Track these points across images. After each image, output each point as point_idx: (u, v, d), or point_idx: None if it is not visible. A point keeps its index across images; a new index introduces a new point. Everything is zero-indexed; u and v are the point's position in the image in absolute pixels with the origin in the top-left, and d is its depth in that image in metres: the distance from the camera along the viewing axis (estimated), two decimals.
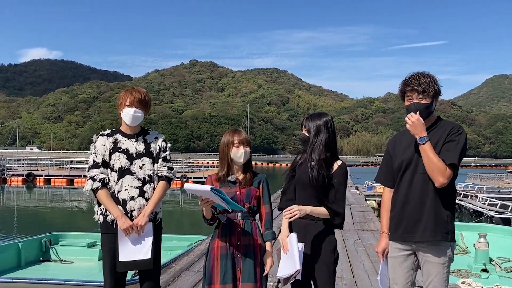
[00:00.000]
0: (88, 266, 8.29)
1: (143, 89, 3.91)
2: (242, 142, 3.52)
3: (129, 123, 3.74)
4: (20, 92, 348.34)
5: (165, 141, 3.89)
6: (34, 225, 21.05)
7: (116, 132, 3.78)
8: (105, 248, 3.71)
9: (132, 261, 3.59)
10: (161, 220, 3.85)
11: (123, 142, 3.73)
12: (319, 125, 3.51)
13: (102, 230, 3.73)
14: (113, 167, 3.67)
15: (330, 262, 3.47)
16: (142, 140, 3.78)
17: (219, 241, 3.46)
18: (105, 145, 3.70)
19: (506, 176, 49.26)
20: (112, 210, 3.59)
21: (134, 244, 3.61)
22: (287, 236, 3.48)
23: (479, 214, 22.29)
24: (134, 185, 3.67)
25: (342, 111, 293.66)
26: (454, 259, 3.43)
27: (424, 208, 3.24)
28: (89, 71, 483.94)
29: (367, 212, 15.15)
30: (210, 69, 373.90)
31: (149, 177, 3.72)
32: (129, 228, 3.57)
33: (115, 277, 3.68)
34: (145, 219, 3.62)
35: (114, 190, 3.66)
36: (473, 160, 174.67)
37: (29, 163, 57.63)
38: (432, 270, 3.24)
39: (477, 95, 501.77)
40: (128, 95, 3.73)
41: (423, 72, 3.31)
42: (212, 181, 3.58)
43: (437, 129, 3.28)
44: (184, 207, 27.12)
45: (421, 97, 3.23)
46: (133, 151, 3.71)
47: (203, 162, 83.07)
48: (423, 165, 3.21)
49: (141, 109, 3.75)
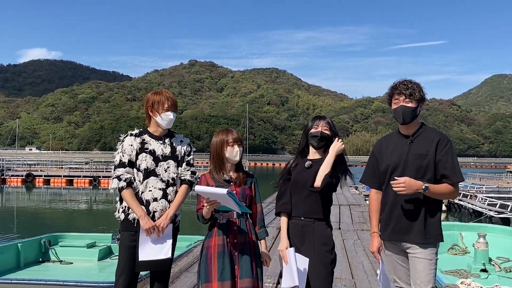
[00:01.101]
0: (87, 266, 8.28)
1: (169, 91, 3.97)
2: (236, 141, 3.61)
3: (166, 127, 3.82)
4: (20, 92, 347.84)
5: (190, 146, 3.96)
6: (33, 225, 21.03)
7: (144, 133, 3.84)
8: (123, 246, 3.75)
9: (151, 261, 3.64)
10: (179, 223, 3.94)
11: (150, 143, 3.78)
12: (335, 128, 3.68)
13: (122, 228, 3.79)
14: (139, 167, 3.73)
15: (327, 263, 3.50)
16: (169, 142, 3.84)
17: (215, 239, 3.52)
18: (132, 145, 3.75)
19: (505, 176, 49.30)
20: (136, 209, 3.65)
21: (155, 245, 3.67)
22: (286, 247, 3.57)
23: (479, 214, 22.28)
24: (158, 186, 3.73)
25: (341, 111, 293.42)
26: (454, 259, 3.51)
27: (413, 212, 3.40)
28: (88, 71, 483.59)
29: (367, 212, 15.12)
30: (210, 69, 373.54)
31: (172, 180, 3.79)
32: (151, 229, 3.62)
33: (129, 275, 3.71)
34: (167, 222, 3.70)
35: (138, 190, 3.71)
36: (472, 159, 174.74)
37: (29, 163, 57.54)
38: (420, 265, 3.37)
39: (476, 94, 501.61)
40: (164, 99, 3.79)
41: (410, 79, 3.52)
42: (207, 180, 3.63)
43: (423, 137, 3.45)
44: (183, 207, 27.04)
45: (407, 100, 3.43)
46: (159, 153, 3.77)
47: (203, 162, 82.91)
48: (411, 169, 3.38)
49: (176, 112, 3.85)
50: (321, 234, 3.54)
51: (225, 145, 3.59)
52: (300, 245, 3.54)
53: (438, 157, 3.34)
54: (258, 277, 3.51)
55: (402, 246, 3.48)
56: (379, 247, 3.61)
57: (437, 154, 3.35)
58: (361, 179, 3.81)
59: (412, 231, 3.39)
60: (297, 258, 3.50)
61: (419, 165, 3.37)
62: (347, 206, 16.17)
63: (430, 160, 3.35)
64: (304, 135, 3.73)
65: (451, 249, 8.79)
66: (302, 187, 3.58)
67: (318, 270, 3.48)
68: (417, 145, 3.42)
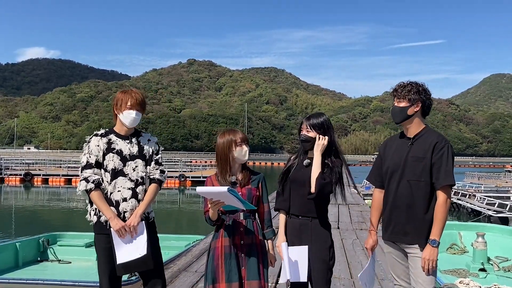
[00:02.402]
0: (86, 266, 8.26)
1: (139, 91, 3.93)
2: (244, 140, 3.57)
3: (129, 126, 3.76)
4: (18, 91, 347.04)
5: (158, 144, 3.92)
6: (32, 225, 21.01)
7: (110, 133, 3.79)
8: (99, 249, 3.72)
9: (130, 262, 3.59)
10: (154, 219, 3.88)
11: (117, 143, 3.73)
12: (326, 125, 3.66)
13: (95, 231, 3.74)
14: (106, 168, 3.68)
15: (325, 260, 3.52)
16: (136, 141, 3.80)
17: (222, 240, 3.50)
18: (98, 146, 3.70)
19: (504, 175, 49.42)
20: (105, 211, 3.61)
21: (129, 245, 3.62)
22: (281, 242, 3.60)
23: (477, 213, 22.31)
24: (127, 186, 3.69)
25: (340, 110, 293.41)
26: (452, 258, 3.51)
27: (411, 214, 3.41)
28: (87, 70, 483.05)
29: (365, 211, 15.13)
30: (208, 68, 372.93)
31: (141, 179, 3.74)
32: (122, 229, 3.59)
33: (110, 277, 3.68)
34: (137, 220, 3.64)
35: (107, 191, 3.67)
36: (471, 159, 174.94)
37: (27, 162, 57.41)
38: (420, 264, 3.37)
39: (474, 94, 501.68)
40: (128, 97, 3.74)
41: (412, 81, 3.55)
42: (212, 182, 3.60)
43: (423, 139, 3.45)
44: (182, 207, 27.11)
45: (399, 100, 3.51)
46: (126, 152, 3.73)
47: (201, 161, 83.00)
48: (409, 172, 3.41)
49: (140, 111, 3.77)
50: (319, 232, 3.56)
51: (233, 145, 3.53)
52: (298, 243, 3.55)
53: (433, 160, 3.34)
54: (265, 278, 3.51)
55: (401, 245, 3.50)
56: (373, 245, 3.69)
57: (432, 157, 3.35)
58: (367, 177, 3.87)
59: (411, 232, 3.40)
60: (294, 250, 3.52)
61: (416, 168, 3.39)
62: (346, 205, 16.16)
63: (426, 163, 3.35)
64: (298, 136, 3.77)
65: (450, 248, 8.79)
66: (299, 185, 3.60)
67: (316, 268, 3.49)
68: (417, 148, 3.43)
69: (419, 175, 3.37)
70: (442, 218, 3.31)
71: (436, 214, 3.32)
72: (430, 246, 3.31)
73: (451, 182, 3.31)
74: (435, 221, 3.32)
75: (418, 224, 3.38)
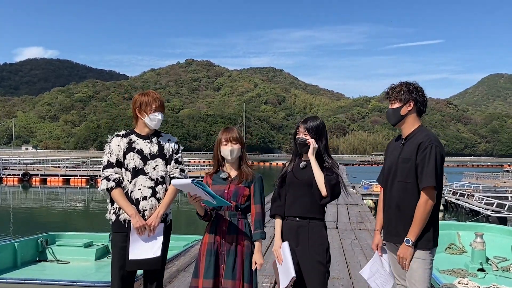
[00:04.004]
0: (84, 266, 8.25)
1: (156, 92, 4.00)
2: (230, 140, 3.64)
3: (155, 127, 3.84)
4: (16, 91, 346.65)
5: (178, 144, 3.96)
6: (30, 225, 20.98)
7: (130, 133, 3.86)
8: (115, 247, 3.76)
9: (142, 260, 3.63)
10: (171, 221, 3.93)
11: (138, 143, 3.79)
12: None
13: (113, 229, 3.79)
14: (127, 167, 3.73)
15: (323, 263, 3.53)
16: (156, 141, 3.85)
17: (206, 237, 3.61)
18: (119, 145, 3.76)
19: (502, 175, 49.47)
20: (127, 208, 3.65)
21: (145, 243, 3.67)
22: (279, 247, 3.58)
23: (476, 213, 22.34)
24: (147, 185, 3.73)
25: (338, 110, 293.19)
26: (451, 258, 3.50)
27: (401, 215, 3.43)
28: (85, 70, 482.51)
29: (364, 211, 15.16)
30: (207, 68, 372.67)
31: (161, 178, 3.79)
32: (142, 227, 3.63)
33: (123, 276, 3.71)
34: (158, 220, 3.70)
35: (127, 189, 3.72)
36: (469, 159, 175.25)
37: (25, 162, 57.32)
38: (414, 265, 3.38)
39: (473, 94, 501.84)
40: (151, 100, 3.81)
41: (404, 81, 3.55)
42: (207, 179, 3.72)
43: (412, 140, 3.44)
44: (181, 207, 27.06)
45: (391, 103, 3.53)
46: (147, 152, 3.78)
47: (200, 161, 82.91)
48: (400, 173, 3.43)
49: (163, 113, 3.87)
50: (317, 234, 3.56)
51: (219, 144, 3.69)
52: (295, 245, 3.55)
53: (417, 160, 3.33)
54: (244, 279, 3.51)
55: (396, 245, 3.51)
56: (377, 244, 3.71)
57: (417, 158, 3.33)
58: (377, 178, 3.88)
59: (401, 233, 3.41)
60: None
61: (404, 169, 3.40)
62: (345, 205, 16.18)
63: (412, 164, 3.35)
64: (293, 140, 3.77)
65: (449, 248, 8.79)
66: (297, 187, 3.61)
67: (314, 270, 3.50)
68: (406, 149, 3.43)
69: (406, 176, 3.38)
70: (419, 218, 3.29)
71: (415, 214, 3.31)
72: (405, 244, 3.34)
73: (430, 184, 3.25)
74: (413, 221, 3.32)
75: (406, 225, 3.37)
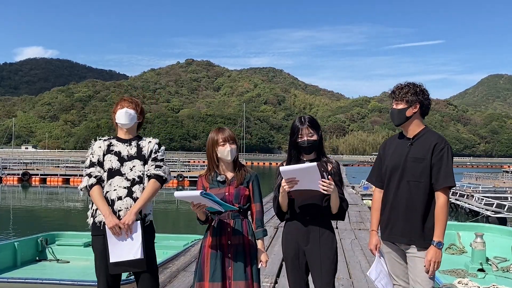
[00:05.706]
0: (84, 265, 8.24)
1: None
2: (227, 140, 3.56)
3: (125, 122, 3.80)
4: (16, 91, 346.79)
5: (158, 144, 3.92)
6: (30, 224, 21.00)
7: (112, 138, 3.91)
8: (96, 250, 3.76)
9: (124, 262, 3.59)
10: (151, 222, 3.84)
11: (116, 145, 3.82)
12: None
13: (92, 232, 3.78)
14: (104, 168, 3.75)
15: (334, 261, 3.53)
16: (135, 144, 3.85)
17: (210, 240, 3.54)
18: (100, 147, 3.81)
19: (501, 176, 49.49)
20: (102, 208, 3.64)
21: (124, 244, 3.61)
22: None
23: (475, 213, 22.35)
24: (123, 185, 3.71)
25: (338, 110, 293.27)
26: (451, 258, 3.50)
27: (410, 214, 3.41)
28: (85, 70, 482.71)
29: (364, 211, 15.18)
30: (206, 68, 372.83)
31: (139, 178, 3.76)
32: (116, 227, 3.58)
33: (107, 278, 3.69)
34: (131, 218, 3.62)
35: (104, 191, 3.71)
36: (468, 159, 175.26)
37: (25, 162, 57.36)
38: (420, 265, 3.37)
39: (472, 94, 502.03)
40: (120, 100, 3.92)
41: (410, 82, 3.54)
42: (202, 181, 3.63)
43: (422, 140, 3.44)
44: (180, 207, 27.07)
45: (397, 102, 3.51)
46: (125, 153, 3.79)
47: (199, 161, 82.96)
48: (409, 173, 3.41)
49: (131, 108, 3.84)
50: (327, 234, 3.55)
51: (215, 145, 3.57)
52: (305, 245, 3.52)
53: (432, 161, 3.34)
54: (253, 278, 3.50)
55: (400, 246, 3.51)
56: (376, 245, 3.69)
57: (432, 158, 3.34)
58: (367, 178, 3.88)
59: (409, 233, 3.41)
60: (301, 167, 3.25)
61: (416, 169, 3.38)
62: None
63: (426, 164, 3.35)
64: (291, 145, 3.57)
65: (449, 248, 8.80)
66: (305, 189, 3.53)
67: (322, 269, 3.48)
68: (416, 149, 3.42)
69: (419, 176, 3.37)
70: (444, 219, 3.31)
71: (437, 216, 3.31)
72: (435, 248, 3.30)
73: (451, 184, 3.31)
74: (437, 223, 3.31)
75: (416, 225, 3.38)
